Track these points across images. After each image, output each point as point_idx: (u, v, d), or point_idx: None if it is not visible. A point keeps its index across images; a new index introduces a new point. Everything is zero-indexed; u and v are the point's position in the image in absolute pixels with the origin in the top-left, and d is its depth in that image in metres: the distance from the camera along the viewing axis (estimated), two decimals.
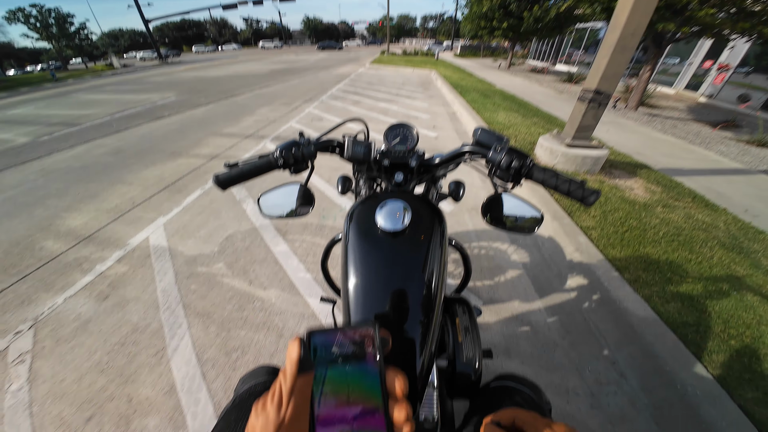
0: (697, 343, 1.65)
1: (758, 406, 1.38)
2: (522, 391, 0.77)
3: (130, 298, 2.02)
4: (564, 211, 2.53)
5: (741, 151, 5.21)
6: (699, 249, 2.23)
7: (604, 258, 2.11)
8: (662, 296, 1.88)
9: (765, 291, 1.96)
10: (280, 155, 0.78)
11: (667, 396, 1.51)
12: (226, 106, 7.67)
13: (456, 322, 0.85)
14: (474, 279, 2.17)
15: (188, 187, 3.41)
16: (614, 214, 2.49)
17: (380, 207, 0.69)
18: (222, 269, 2.25)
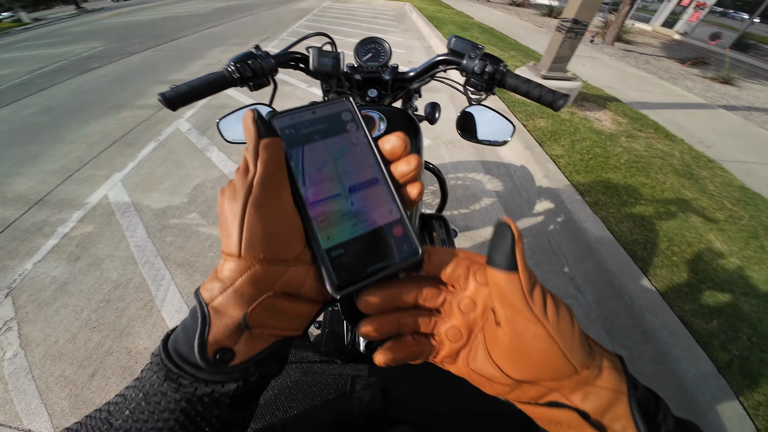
0: (644, 259, 1.83)
1: (695, 317, 1.59)
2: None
3: (104, 257, 1.95)
4: (536, 141, 2.59)
5: (705, 87, 5.37)
6: (654, 175, 2.38)
7: (569, 183, 2.22)
8: (617, 217, 2.03)
9: (708, 213, 2.16)
10: (234, 68, 0.70)
11: (616, 307, 1.71)
12: (167, 51, 6.66)
13: (434, 236, 0.87)
14: (450, 208, 2.25)
15: (140, 140, 3.13)
16: (582, 143, 2.58)
17: None
18: (196, 219, 2.19)
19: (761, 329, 1.54)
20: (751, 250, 1.93)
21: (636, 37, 9.50)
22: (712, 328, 1.55)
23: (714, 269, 1.79)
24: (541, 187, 2.31)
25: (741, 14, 10.96)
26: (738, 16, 11.12)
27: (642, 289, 1.70)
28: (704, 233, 2.00)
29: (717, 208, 2.21)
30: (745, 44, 9.34)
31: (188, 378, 0.22)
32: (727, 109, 4.38)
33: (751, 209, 2.26)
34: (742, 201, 2.32)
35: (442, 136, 2.93)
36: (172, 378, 0.22)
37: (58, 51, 8.10)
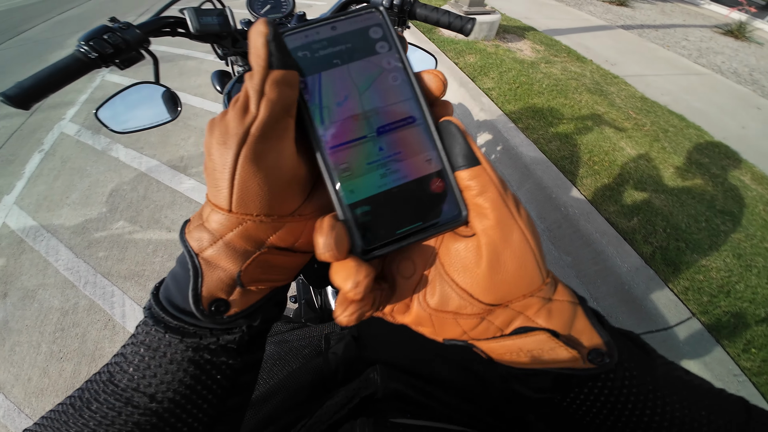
0: (572, 171, 2.07)
1: (619, 218, 1.85)
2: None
3: (34, 287, 1.71)
4: (468, 77, 2.69)
5: (605, 9, 5.80)
6: (571, 95, 2.63)
7: (502, 113, 2.39)
8: (546, 138, 2.25)
9: (617, 124, 2.46)
10: (89, 47, 0.57)
11: (555, 219, 1.94)
12: (16, 48, 4.97)
13: None
14: None
15: (19, 155, 2.54)
16: (508, 74, 2.73)
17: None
18: (126, 227, 1.96)
19: (673, 221, 1.84)
20: (655, 152, 2.27)
21: None
22: (634, 225, 1.82)
23: (628, 172, 2.09)
24: (479, 120, 2.45)
25: None
26: None
27: (574, 199, 1.95)
28: (616, 141, 2.30)
29: (624, 118, 2.52)
30: None
31: (191, 327, 0.22)
32: (624, 29, 4.81)
33: (651, 116, 2.61)
34: (643, 110, 2.67)
35: None
36: (174, 329, 0.21)
37: None
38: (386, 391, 0.35)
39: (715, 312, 1.54)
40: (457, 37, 3.49)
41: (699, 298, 1.57)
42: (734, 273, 1.66)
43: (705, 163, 2.26)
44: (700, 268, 1.67)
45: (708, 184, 2.11)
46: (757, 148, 2.49)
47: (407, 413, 0.34)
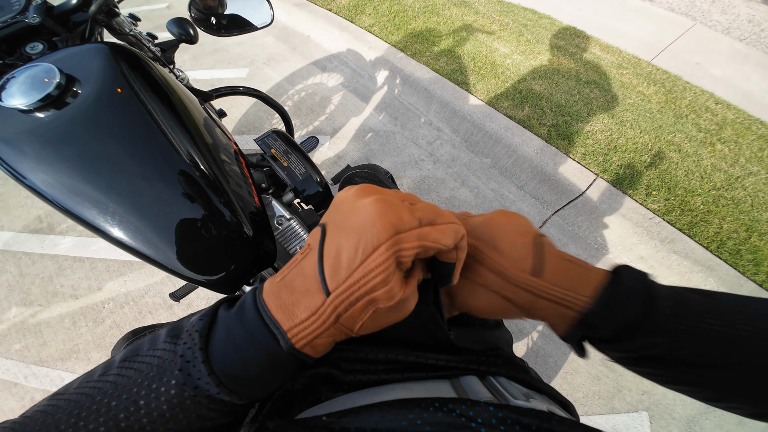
0: (464, 81, 2.24)
1: (513, 110, 2.07)
2: (361, 172, 0.87)
3: None
4: (347, 20, 2.62)
5: None
6: (442, 12, 2.75)
7: (389, 46, 2.41)
8: (434, 58, 2.37)
9: (487, 29, 2.66)
10: None
11: (467, 129, 2.11)
12: None
13: (273, 153, 0.80)
14: (310, 119, 2.26)
15: None
16: (381, 6, 2.71)
17: (2, 89, 0.45)
18: (23, 312, 1.63)
19: (554, 100, 2.14)
20: (523, 45, 2.54)
21: None
22: (527, 113, 2.07)
23: (507, 68, 2.33)
24: (372, 59, 2.45)
25: None
26: None
27: (474, 105, 2.13)
28: (490, 44, 2.51)
29: (491, 22, 2.73)
30: None
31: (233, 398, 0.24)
32: None
33: (511, 15, 2.87)
34: (503, 11, 2.92)
35: (257, 57, 2.67)
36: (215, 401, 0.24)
37: None
38: (304, 381, 0.32)
39: (612, 168, 1.87)
40: None
41: (596, 159, 1.89)
42: (614, 131, 2.02)
43: (563, 45, 2.61)
44: (588, 133, 2.00)
45: (571, 62, 2.46)
46: (596, 24, 2.93)
47: (343, 389, 0.32)
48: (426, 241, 0.24)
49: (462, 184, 2.00)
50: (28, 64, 0.48)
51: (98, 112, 0.45)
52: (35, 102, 0.43)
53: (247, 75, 2.58)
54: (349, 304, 0.23)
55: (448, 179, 2.01)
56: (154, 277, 1.68)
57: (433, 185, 1.98)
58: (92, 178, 0.43)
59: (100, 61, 0.50)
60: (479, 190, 1.99)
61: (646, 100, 2.27)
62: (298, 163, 0.77)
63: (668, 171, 1.86)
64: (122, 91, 0.47)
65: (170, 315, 1.59)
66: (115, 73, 0.49)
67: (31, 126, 0.44)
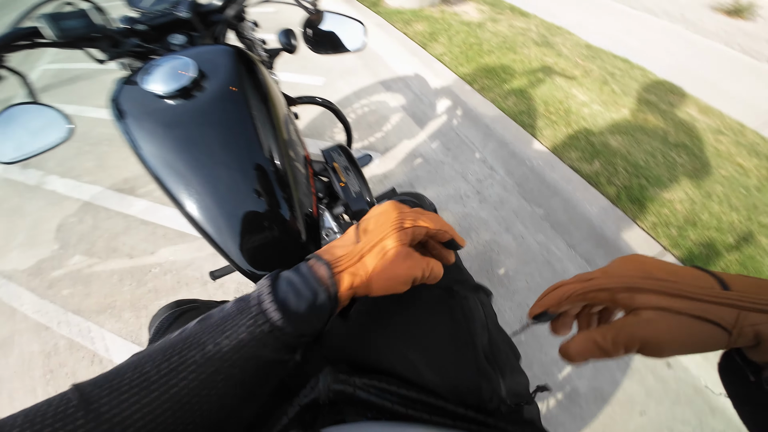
0: (531, 125, 2.10)
1: (581, 163, 1.89)
2: (407, 200, 0.85)
3: (8, 335, 1.60)
4: (419, 46, 2.64)
5: None
6: (520, 50, 2.64)
7: (457, 77, 2.36)
8: (501, 95, 2.26)
9: (567, 73, 2.50)
10: None
11: (523, 173, 1.96)
12: None
13: (335, 167, 0.84)
14: (366, 135, 2.27)
15: None
16: (457, 37, 2.70)
17: (147, 73, 0.53)
18: (84, 261, 1.82)
19: (632, 159, 1.91)
20: (606, 95, 2.33)
21: None
22: (596, 169, 1.87)
23: (583, 117, 2.14)
24: (436, 87, 2.42)
25: None
26: None
27: (537, 151, 1.97)
28: (568, 89, 2.34)
29: (573, 66, 2.57)
30: None
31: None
32: None
33: (598, 61, 2.67)
34: (589, 56, 2.73)
35: (333, 69, 2.79)
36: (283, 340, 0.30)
37: None
38: (330, 395, 0.35)
39: (685, 244, 1.60)
40: (403, 7, 3.40)
41: (668, 232, 1.64)
42: (697, 203, 1.74)
43: (653, 101, 2.35)
44: (664, 202, 1.75)
45: (659, 120, 2.20)
46: (697, 80, 2.61)
47: (367, 416, 0.35)
48: (418, 221, 0.37)
49: (506, 230, 1.84)
50: (171, 54, 0.56)
51: (212, 106, 0.53)
52: (171, 91, 0.50)
53: (323, 84, 2.70)
54: (371, 247, 0.35)
55: (491, 221, 1.86)
56: (200, 252, 1.78)
57: (475, 224, 1.84)
58: (188, 158, 0.51)
59: (226, 62, 0.58)
60: (524, 239, 1.81)
61: (744, 173, 1.93)
62: (355, 181, 0.81)
63: (754, 258, 1.54)
64: (235, 90, 0.55)
65: (203, 291, 1.65)
66: (235, 75, 0.56)
67: (160, 109, 0.52)
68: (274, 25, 0.97)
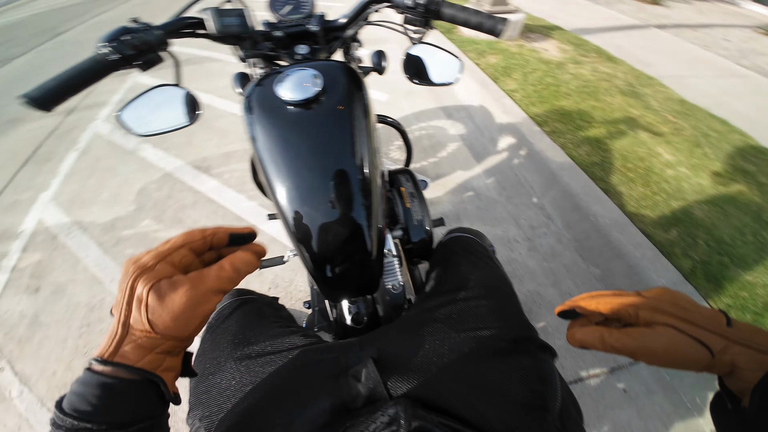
0: (603, 179, 1.92)
1: (655, 229, 1.69)
2: (467, 237, 0.83)
3: (65, 282, 1.76)
4: (490, 79, 2.57)
5: (637, 8, 5.54)
6: (603, 97, 2.47)
7: (527, 116, 2.25)
8: (574, 142, 2.10)
9: (654, 128, 2.28)
10: (110, 48, 0.56)
11: (584, 229, 1.79)
12: (54, 49, 5.54)
13: (402, 191, 0.86)
14: (419, 159, 2.23)
15: (57, 153, 2.69)
16: (533, 74, 2.60)
17: (280, 79, 0.58)
18: (151, 225, 2.00)
19: (716, 233, 1.67)
20: (696, 158, 2.09)
21: None
22: (673, 238, 1.67)
23: (666, 180, 1.92)
24: (501, 123, 2.33)
25: None
26: None
27: (605, 208, 1.80)
28: (653, 147, 2.12)
29: (661, 122, 2.34)
30: None
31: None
32: (658, 28, 4.56)
33: (692, 120, 2.42)
34: (682, 113, 2.48)
35: (399, 88, 2.82)
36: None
37: None
38: (411, 429, 0.35)
39: None
40: (478, 37, 3.37)
41: (742, 317, 1.42)
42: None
43: (751, 171, 2.06)
44: (745, 284, 1.51)
45: (755, 194, 1.91)
46: None
47: None
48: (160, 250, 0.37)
49: (553, 284, 1.67)
50: (300, 65, 0.62)
51: (324, 118, 0.58)
52: (296, 100, 0.56)
53: (386, 100, 2.73)
54: (126, 311, 0.32)
55: (538, 273, 1.71)
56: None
57: (519, 272, 1.70)
58: (292, 156, 0.56)
59: (343, 80, 0.62)
60: (570, 297, 1.64)
61: None
62: (418, 209, 0.83)
63: None
64: (342, 108, 0.59)
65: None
66: (347, 92, 0.61)
67: (282, 112, 0.58)
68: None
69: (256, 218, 1.98)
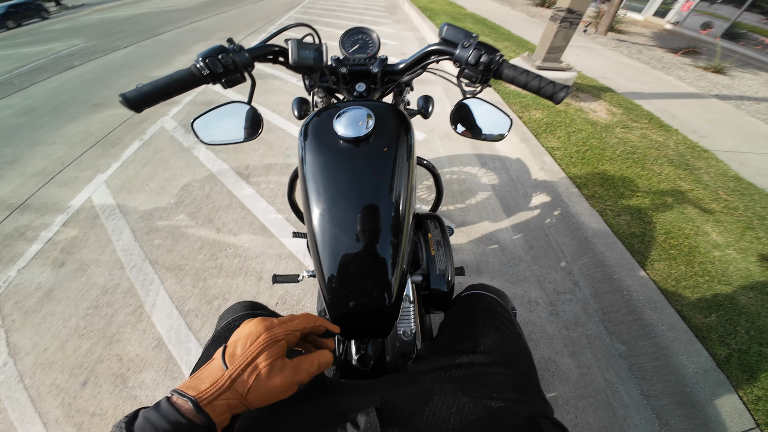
0: (641, 252, 1.83)
1: (693, 311, 1.57)
2: (490, 297, 0.80)
3: (90, 261, 1.90)
4: (531, 133, 2.58)
5: (697, 76, 5.37)
6: (650, 166, 2.38)
7: (565, 176, 2.21)
8: (614, 210, 2.03)
9: (704, 204, 2.16)
10: (204, 64, 0.65)
11: (614, 302, 1.70)
12: (150, 47, 6.53)
13: (429, 237, 0.85)
14: (446, 203, 2.24)
15: (124, 140, 3.05)
16: (578, 134, 2.57)
17: (339, 115, 0.64)
18: (184, 220, 2.14)
19: (759, 323, 1.54)
20: (747, 241, 1.94)
21: (628, 27, 9.46)
22: (711, 323, 1.54)
23: (711, 261, 1.80)
24: (537, 180, 2.30)
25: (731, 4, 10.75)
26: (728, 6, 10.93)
27: (640, 283, 1.70)
28: (701, 225, 2.00)
29: (712, 198, 2.21)
30: (735, 33, 9.30)
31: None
32: (719, 99, 4.39)
33: (746, 199, 2.27)
34: (736, 191, 2.33)
35: (436, 129, 2.90)
36: None
37: (37, 49, 7.85)
38: None
39: None
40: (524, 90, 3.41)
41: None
42: None
43: None
44: None
45: None
46: None
47: None
48: (289, 328, 0.41)
49: (571, 354, 1.57)
50: (357, 104, 0.68)
51: (369, 158, 0.62)
52: (349, 137, 0.61)
53: (422, 139, 2.81)
54: (241, 370, 0.36)
55: (557, 340, 1.62)
56: (269, 249, 1.96)
57: (536, 336, 1.62)
58: (334, 185, 0.60)
59: (393, 123, 0.67)
60: (589, 370, 1.52)
61: None
62: (442, 258, 0.81)
63: None
64: (387, 150, 0.63)
65: (254, 284, 1.78)
66: (393, 135, 0.65)
67: (334, 144, 0.63)
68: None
69: (279, 230, 2.07)
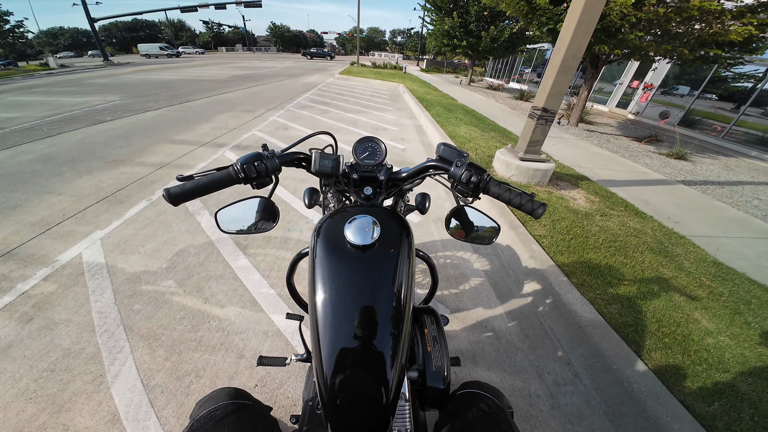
0: (637, 341, 1.84)
1: (696, 401, 1.55)
2: (486, 397, 0.80)
3: (59, 321, 1.83)
4: (519, 221, 2.72)
5: (662, 163, 5.90)
6: (632, 254, 2.50)
7: (554, 264, 2.30)
8: (604, 299, 2.08)
9: (689, 291, 2.24)
10: (241, 168, 0.75)
11: (616, 393, 1.66)
12: (179, 112, 7.19)
13: (425, 332, 0.85)
14: (441, 288, 2.26)
15: (131, 198, 3.14)
16: (561, 222, 2.73)
17: (349, 222, 0.71)
18: (171, 287, 2.11)
19: (762, 408, 1.52)
20: (737, 327, 1.98)
21: (596, 117, 10.59)
22: (715, 411, 1.51)
23: (706, 349, 1.81)
24: (528, 267, 2.38)
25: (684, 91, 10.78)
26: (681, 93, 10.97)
27: (640, 373, 1.68)
28: (690, 312, 2.05)
29: (696, 285, 2.29)
30: (691, 120, 10.23)
31: None
32: (685, 184, 4.76)
33: (729, 284, 2.36)
34: (718, 277, 2.43)
35: (431, 213, 3.05)
36: None
37: (75, 100, 8.48)
38: None
39: None
40: (511, 179, 3.68)
41: None
42: None
43: None
44: None
45: None
46: None
47: None
48: None
49: None
50: (364, 210, 0.77)
51: (374, 264, 0.67)
52: (357, 243, 0.68)
53: (418, 222, 2.93)
54: None
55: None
56: (255, 326, 1.89)
57: (536, 430, 1.54)
58: (338, 282, 0.65)
59: (396, 230, 0.75)
60: None
61: None
62: (439, 355, 0.81)
63: None
64: (393, 251, 0.69)
65: (234, 362, 1.68)
66: (395, 240, 0.72)
67: (342, 247, 0.69)
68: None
69: (270, 306, 2.03)
